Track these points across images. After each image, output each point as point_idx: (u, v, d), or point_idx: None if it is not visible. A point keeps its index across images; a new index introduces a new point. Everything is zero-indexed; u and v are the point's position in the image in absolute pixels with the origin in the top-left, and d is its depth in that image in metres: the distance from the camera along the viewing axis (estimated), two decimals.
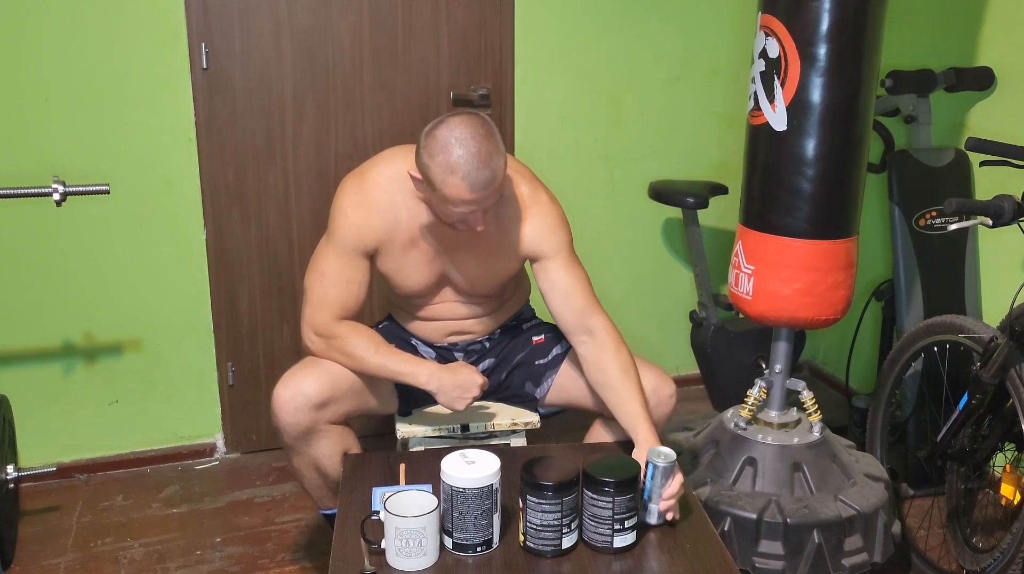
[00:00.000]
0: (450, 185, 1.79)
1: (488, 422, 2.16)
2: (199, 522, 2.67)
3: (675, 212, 3.31)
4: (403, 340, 2.22)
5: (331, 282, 2.01)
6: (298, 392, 1.95)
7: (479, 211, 1.85)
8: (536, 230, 2.02)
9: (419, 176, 1.87)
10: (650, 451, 1.75)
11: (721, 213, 3.32)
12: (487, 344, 2.25)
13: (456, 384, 1.99)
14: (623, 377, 1.96)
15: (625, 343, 2.03)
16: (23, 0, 2.55)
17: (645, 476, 1.73)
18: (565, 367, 2.19)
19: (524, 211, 2.02)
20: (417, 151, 1.85)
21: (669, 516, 1.76)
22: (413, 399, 2.16)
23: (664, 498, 1.73)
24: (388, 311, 2.32)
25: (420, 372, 2.00)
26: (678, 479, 1.74)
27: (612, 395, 1.97)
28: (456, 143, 1.78)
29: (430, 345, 2.23)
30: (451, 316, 2.18)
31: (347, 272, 2.01)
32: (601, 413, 2.14)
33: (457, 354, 2.24)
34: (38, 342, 2.80)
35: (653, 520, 1.75)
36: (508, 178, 1.99)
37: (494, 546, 1.66)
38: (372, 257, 2.04)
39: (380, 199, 1.99)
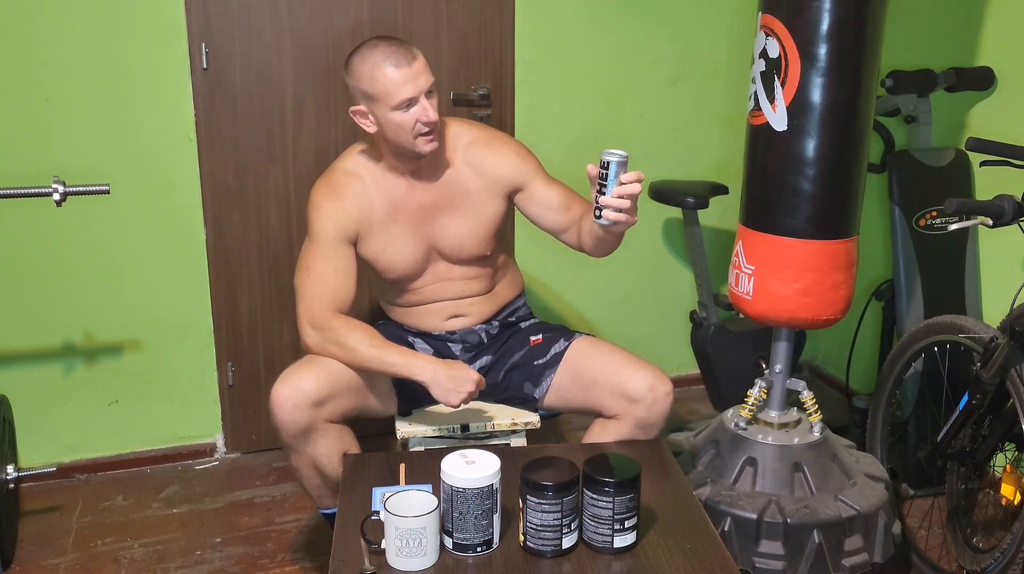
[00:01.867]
0: (379, 79, 1.93)
1: (488, 422, 2.16)
2: (199, 522, 2.67)
3: (675, 212, 3.31)
4: (400, 339, 2.22)
5: (318, 273, 2.04)
6: (296, 390, 1.95)
7: (420, 96, 1.95)
8: (507, 160, 2.13)
9: (359, 106, 2.00)
10: (604, 151, 1.81)
11: (721, 213, 3.32)
12: (484, 338, 2.25)
13: (451, 377, 1.99)
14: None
15: None
16: (24, 0, 2.56)
17: (599, 174, 1.81)
18: (564, 366, 2.19)
19: (488, 148, 2.13)
20: (348, 89, 2.00)
21: (624, 206, 1.81)
22: (413, 399, 2.17)
23: (622, 184, 1.80)
24: (383, 314, 2.33)
25: (415, 363, 2.00)
26: (635, 174, 1.81)
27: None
28: (368, 49, 1.97)
29: (428, 337, 2.24)
30: (445, 296, 2.20)
31: (332, 261, 2.05)
32: (601, 413, 2.15)
33: (455, 346, 2.24)
34: (38, 342, 2.80)
35: (609, 219, 1.82)
36: (462, 126, 2.16)
37: (494, 546, 1.66)
38: (355, 245, 2.08)
39: (348, 184, 2.08)
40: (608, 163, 1.81)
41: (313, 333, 2.03)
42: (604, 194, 1.83)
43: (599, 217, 1.84)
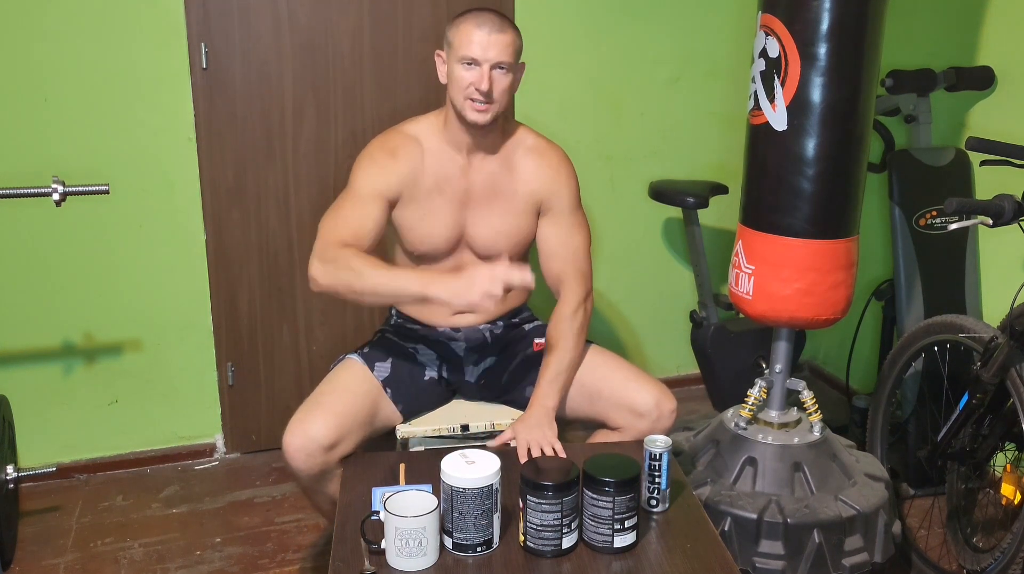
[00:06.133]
0: (461, 29, 1.98)
1: (488, 422, 2.16)
2: (199, 522, 2.67)
3: (675, 212, 3.31)
4: (402, 347, 2.21)
5: (345, 216, 2.02)
6: (307, 439, 1.94)
7: (485, 64, 1.96)
8: (548, 179, 2.14)
9: (442, 52, 2.07)
10: (647, 441, 1.79)
11: (721, 213, 3.32)
12: (488, 337, 2.25)
13: (471, 287, 1.81)
14: (552, 345, 2.11)
15: (581, 315, 2.12)
16: (24, 0, 2.56)
17: (650, 466, 1.76)
18: None
19: (540, 157, 2.15)
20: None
21: None
22: (416, 409, 2.17)
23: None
24: (391, 307, 2.31)
25: (430, 282, 1.87)
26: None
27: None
28: (476, 10, 2.02)
29: (430, 340, 2.23)
30: None
31: (364, 209, 2.02)
32: (604, 424, 2.15)
33: (458, 345, 2.23)
34: (38, 342, 2.80)
35: (666, 505, 1.80)
36: (531, 132, 2.18)
37: (494, 546, 1.66)
38: (393, 208, 2.08)
39: (407, 146, 2.10)
40: (660, 454, 1.76)
41: (320, 266, 1.94)
42: (661, 486, 1.78)
43: (655, 506, 1.79)
